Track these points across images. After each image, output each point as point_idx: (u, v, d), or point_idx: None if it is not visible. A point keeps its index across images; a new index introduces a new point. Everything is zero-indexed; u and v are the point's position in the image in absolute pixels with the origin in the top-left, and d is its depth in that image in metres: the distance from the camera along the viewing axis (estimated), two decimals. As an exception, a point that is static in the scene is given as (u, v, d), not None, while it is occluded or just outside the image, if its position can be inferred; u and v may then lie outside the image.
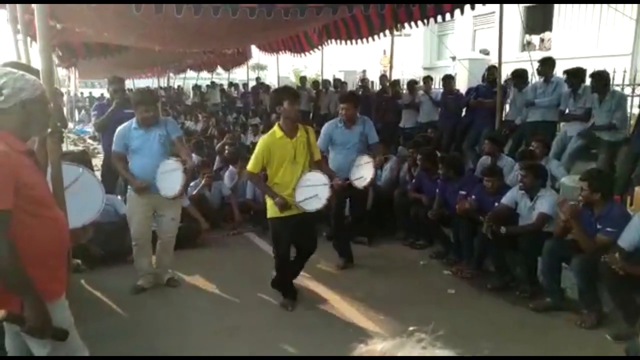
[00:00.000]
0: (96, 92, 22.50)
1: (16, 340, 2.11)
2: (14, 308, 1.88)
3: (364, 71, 16.23)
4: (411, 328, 0.72)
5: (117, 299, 4.21)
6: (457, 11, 6.45)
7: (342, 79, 12.47)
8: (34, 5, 3.08)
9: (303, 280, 4.56)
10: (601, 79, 5.50)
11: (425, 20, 6.98)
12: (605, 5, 9.70)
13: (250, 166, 3.91)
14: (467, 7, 6.17)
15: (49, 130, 2.53)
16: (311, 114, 11.21)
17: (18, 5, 4.13)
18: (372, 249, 5.49)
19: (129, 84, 18.49)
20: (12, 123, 1.95)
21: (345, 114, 4.88)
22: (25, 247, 1.88)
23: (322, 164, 4.32)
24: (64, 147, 4.96)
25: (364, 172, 4.58)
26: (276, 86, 14.80)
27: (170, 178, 4.01)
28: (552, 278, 4.04)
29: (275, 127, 3.93)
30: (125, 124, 4.18)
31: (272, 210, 3.91)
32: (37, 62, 3.52)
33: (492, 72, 7.07)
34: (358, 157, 4.75)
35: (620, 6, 9.10)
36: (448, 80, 7.94)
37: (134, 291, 4.26)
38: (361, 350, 0.72)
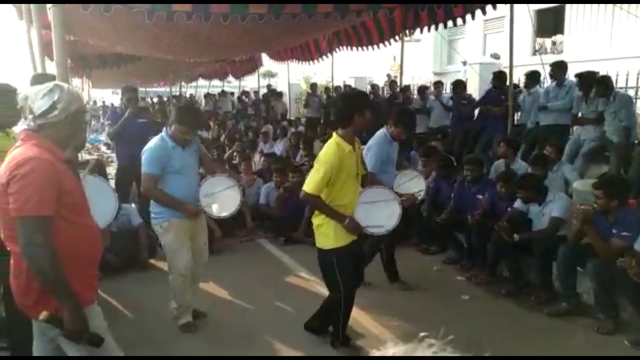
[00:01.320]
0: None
1: (47, 347, 2.16)
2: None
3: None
4: (422, 334, 0.73)
5: (132, 306, 4.26)
6: (468, 16, 6.42)
7: (353, 85, 12.52)
8: (50, 19, 3.15)
9: (315, 286, 4.56)
10: (602, 83, 5.48)
11: (434, 26, 6.97)
12: (617, 7, 9.61)
13: (312, 187, 3.14)
14: (478, 11, 6.14)
15: None
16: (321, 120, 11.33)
17: (34, 19, 4.24)
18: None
19: (141, 92, 18.74)
20: (60, 134, 2.04)
21: (402, 135, 4.37)
22: (62, 253, 1.94)
23: (373, 178, 3.85)
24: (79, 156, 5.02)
25: (413, 187, 4.32)
26: (287, 93, 14.92)
27: (224, 195, 3.73)
28: (567, 283, 4.00)
29: (338, 139, 3.20)
30: (158, 142, 3.56)
31: (336, 237, 3.21)
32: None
33: (498, 77, 7.06)
34: (403, 173, 4.47)
35: (632, 8, 9.02)
36: (458, 85, 7.91)
37: (186, 330, 3.75)
38: (374, 355, 0.73)
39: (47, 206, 1.90)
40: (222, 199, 3.73)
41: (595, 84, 5.57)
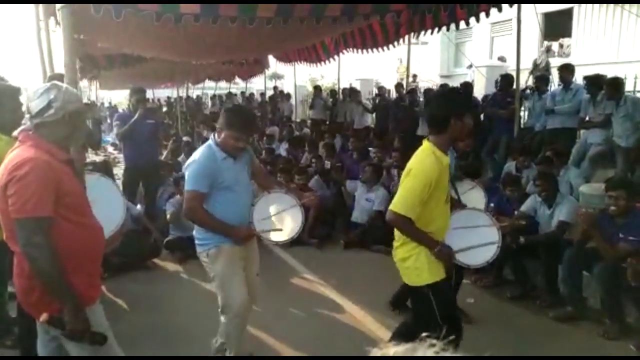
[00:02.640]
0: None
1: (49, 347, 2.17)
2: (53, 313, 1.96)
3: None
4: (423, 334, 0.74)
5: (137, 305, 4.28)
6: (473, 19, 6.40)
7: (358, 87, 12.54)
8: (60, 19, 3.19)
9: (319, 287, 4.56)
10: (612, 85, 5.46)
11: (437, 29, 6.95)
12: (625, 11, 9.57)
13: (404, 206, 2.55)
14: (483, 14, 6.13)
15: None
16: (327, 122, 11.37)
17: (43, 19, 4.28)
18: (390, 258, 5.47)
19: (148, 94, 18.82)
20: (58, 134, 2.05)
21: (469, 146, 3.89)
22: (64, 253, 1.95)
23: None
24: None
25: (473, 197, 3.90)
26: (294, 95, 14.95)
27: (283, 217, 3.18)
28: (573, 287, 3.97)
29: (434, 148, 2.61)
30: (205, 152, 2.93)
31: (430, 270, 2.64)
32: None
33: (505, 80, 7.05)
34: (460, 183, 4.00)
35: (641, 11, 8.98)
36: (464, 89, 7.90)
37: None
38: (375, 354, 0.74)
39: (46, 207, 1.90)
40: (281, 220, 3.17)
41: (606, 86, 5.55)
